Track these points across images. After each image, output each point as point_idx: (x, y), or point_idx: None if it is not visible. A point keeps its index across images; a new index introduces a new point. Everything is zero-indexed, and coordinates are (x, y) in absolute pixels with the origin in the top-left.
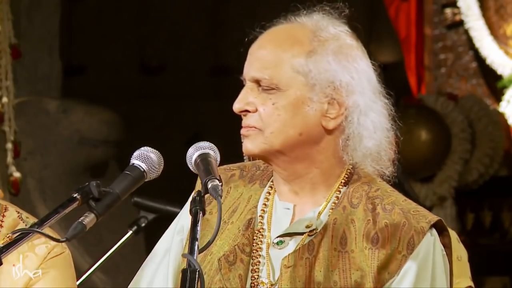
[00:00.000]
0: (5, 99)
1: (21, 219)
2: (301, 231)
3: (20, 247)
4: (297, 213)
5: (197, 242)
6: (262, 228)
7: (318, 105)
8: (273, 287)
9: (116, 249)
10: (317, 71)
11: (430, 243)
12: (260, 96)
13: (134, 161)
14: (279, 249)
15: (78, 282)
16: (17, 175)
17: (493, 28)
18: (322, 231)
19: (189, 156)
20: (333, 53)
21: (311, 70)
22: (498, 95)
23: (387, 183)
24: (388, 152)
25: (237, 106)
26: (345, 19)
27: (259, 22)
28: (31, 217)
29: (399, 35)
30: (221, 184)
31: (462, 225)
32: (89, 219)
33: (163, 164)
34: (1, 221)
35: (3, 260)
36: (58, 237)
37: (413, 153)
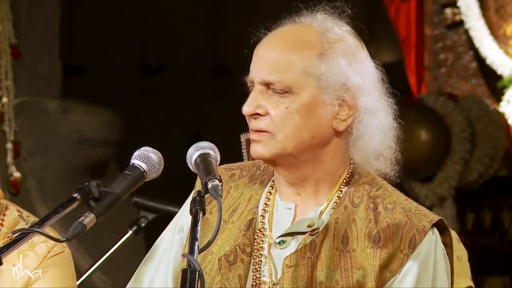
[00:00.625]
0: (5, 99)
1: (21, 218)
2: (303, 231)
3: (20, 246)
4: (298, 213)
5: (197, 242)
6: (263, 228)
7: (330, 107)
8: (275, 286)
9: (116, 249)
10: (329, 74)
11: (431, 242)
12: (271, 99)
13: (134, 161)
14: (281, 248)
15: (78, 282)
16: (17, 175)
17: (493, 28)
18: (324, 230)
19: (189, 156)
20: (343, 54)
21: (323, 73)
22: (498, 95)
23: (390, 182)
24: (394, 151)
25: (247, 109)
26: (346, 19)
27: (259, 22)
28: (32, 216)
29: (399, 35)
30: (221, 184)
31: (462, 225)
32: (89, 219)
33: (163, 164)
34: (2, 220)
35: (3, 260)
36: (58, 237)
37: (413, 153)
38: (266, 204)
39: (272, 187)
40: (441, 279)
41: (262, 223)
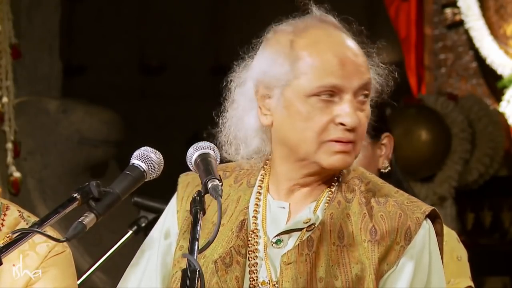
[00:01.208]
0: (5, 99)
1: (22, 218)
2: (300, 227)
3: (20, 246)
4: (292, 211)
5: (197, 242)
6: (256, 229)
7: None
8: (274, 285)
9: (116, 249)
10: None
11: (426, 233)
12: (358, 107)
13: (134, 161)
14: (278, 248)
15: (78, 282)
16: (17, 175)
17: (493, 28)
18: (320, 226)
19: (189, 156)
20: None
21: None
22: (498, 95)
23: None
24: None
25: (354, 122)
26: (345, 19)
27: (259, 22)
28: (33, 216)
29: (399, 35)
30: (221, 184)
31: (462, 225)
32: (89, 219)
33: (163, 164)
34: (3, 220)
35: (3, 260)
36: (59, 237)
37: (413, 153)
38: (257, 205)
39: (261, 186)
40: (436, 269)
41: (255, 224)
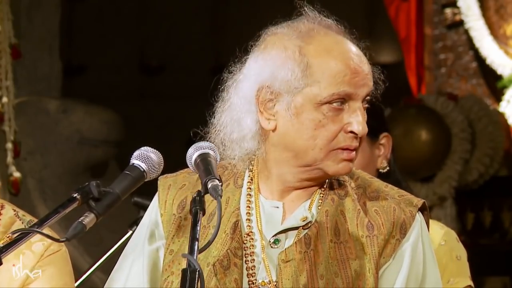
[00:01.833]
0: (5, 99)
1: (17, 217)
2: (297, 226)
3: (20, 246)
4: (287, 210)
5: (197, 242)
6: (251, 232)
7: None
8: (276, 285)
9: (116, 249)
10: None
11: (419, 225)
12: (363, 114)
13: (134, 161)
14: (276, 248)
15: (78, 282)
16: (17, 175)
17: (493, 28)
18: (316, 224)
19: (189, 156)
20: None
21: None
22: (498, 95)
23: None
24: None
25: (363, 130)
26: (345, 19)
27: (259, 22)
28: (28, 215)
29: (399, 35)
30: (221, 184)
31: (462, 225)
32: (89, 219)
33: (163, 164)
34: None
35: (3, 260)
36: (54, 235)
37: (413, 153)
38: (249, 207)
39: (250, 188)
40: (429, 258)
41: (250, 227)
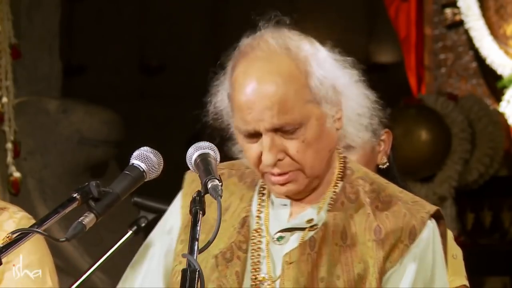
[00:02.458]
0: (5, 99)
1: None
2: (303, 227)
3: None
4: (294, 209)
5: (197, 242)
6: (260, 228)
7: (330, 115)
8: (274, 283)
9: (116, 249)
10: (319, 90)
11: (430, 232)
12: (284, 141)
13: (134, 161)
14: (279, 244)
15: (78, 282)
16: (17, 175)
17: (493, 28)
18: (322, 227)
19: (189, 156)
20: (317, 65)
21: (315, 92)
22: (498, 95)
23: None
24: (375, 123)
25: (272, 161)
26: (345, 19)
27: (259, 22)
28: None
29: (399, 35)
30: (221, 184)
31: (462, 225)
32: (89, 219)
33: (162, 164)
34: None
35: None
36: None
37: (413, 153)
38: (260, 205)
39: (264, 187)
40: (439, 268)
41: (259, 223)
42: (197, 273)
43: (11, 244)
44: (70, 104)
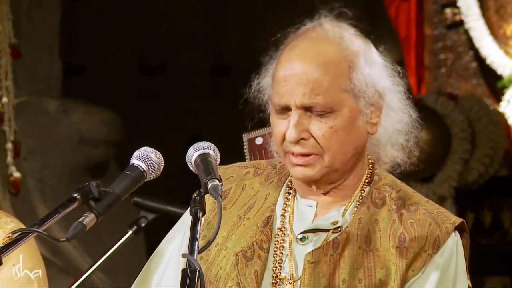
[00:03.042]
0: (5, 99)
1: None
2: (327, 228)
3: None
4: (320, 210)
5: (197, 242)
6: (283, 227)
7: (365, 115)
8: (295, 282)
9: (116, 249)
10: (360, 84)
11: (454, 244)
12: (313, 121)
13: (134, 161)
14: (302, 245)
15: (78, 282)
16: (17, 175)
17: (493, 28)
18: (347, 229)
19: (189, 156)
20: (365, 61)
21: (356, 86)
22: (498, 95)
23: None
24: (412, 145)
25: (295, 136)
26: (345, 19)
27: (259, 22)
28: (3, 215)
29: (399, 35)
30: (221, 184)
31: None
32: (89, 219)
33: (163, 164)
34: None
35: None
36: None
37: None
38: (286, 204)
39: (290, 187)
40: (461, 280)
41: (283, 222)
42: (197, 273)
43: (11, 244)
44: (70, 104)
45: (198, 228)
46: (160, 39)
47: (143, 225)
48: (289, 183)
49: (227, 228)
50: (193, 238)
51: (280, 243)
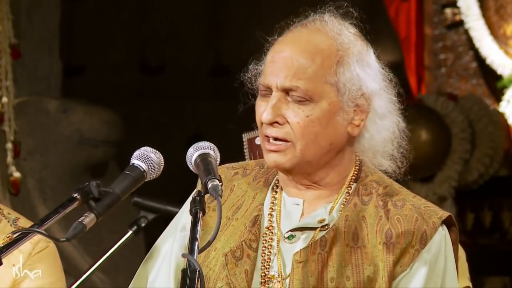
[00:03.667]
0: (5, 99)
1: (2, 215)
2: (314, 226)
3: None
4: (306, 208)
5: (197, 242)
6: (271, 226)
7: (346, 114)
8: (284, 281)
9: (116, 249)
10: (346, 81)
11: (441, 238)
12: (291, 107)
13: (134, 161)
14: (290, 243)
15: (78, 282)
16: (17, 175)
17: (493, 28)
18: (334, 227)
19: (189, 156)
20: (356, 60)
21: (340, 80)
22: (498, 95)
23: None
24: (402, 150)
25: (269, 117)
26: (349, 19)
27: (259, 22)
28: (13, 213)
29: (399, 35)
30: (221, 184)
31: (462, 225)
32: (89, 219)
33: (163, 164)
34: None
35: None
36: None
37: (413, 153)
38: (273, 203)
39: (277, 186)
40: (450, 275)
41: (270, 221)
42: (197, 273)
43: (11, 244)
44: (70, 104)
45: (198, 228)
46: (160, 39)
47: (143, 225)
48: (276, 181)
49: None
50: (193, 238)
51: (268, 242)
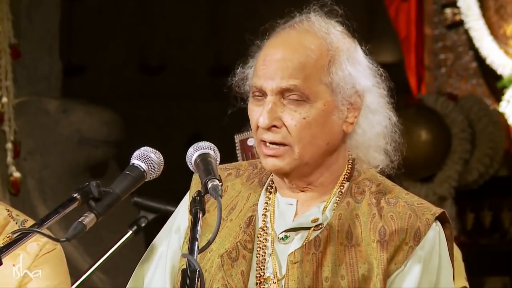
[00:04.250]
0: (5, 99)
1: (11, 217)
2: (308, 226)
3: (20, 246)
4: (300, 208)
5: (197, 242)
6: (265, 227)
7: (341, 112)
8: (279, 282)
9: (116, 249)
10: (339, 80)
11: (435, 235)
12: (287, 109)
13: (134, 161)
14: (284, 244)
15: (78, 282)
16: (17, 175)
17: (493, 28)
18: (327, 226)
19: (189, 156)
20: (347, 58)
21: (334, 80)
22: (498, 95)
23: (388, 177)
24: (395, 146)
25: (267, 121)
26: (345, 19)
27: (259, 22)
28: (22, 215)
29: (399, 35)
30: (221, 184)
31: (462, 225)
32: (89, 219)
33: (163, 164)
34: None
35: (3, 260)
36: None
37: (413, 153)
38: (267, 203)
39: (271, 186)
40: (445, 271)
41: (264, 222)
42: (197, 273)
43: (11, 244)
44: (70, 104)
45: (198, 228)
46: (160, 39)
47: (143, 225)
48: (270, 182)
49: (211, 231)
50: (193, 238)
51: (263, 242)
